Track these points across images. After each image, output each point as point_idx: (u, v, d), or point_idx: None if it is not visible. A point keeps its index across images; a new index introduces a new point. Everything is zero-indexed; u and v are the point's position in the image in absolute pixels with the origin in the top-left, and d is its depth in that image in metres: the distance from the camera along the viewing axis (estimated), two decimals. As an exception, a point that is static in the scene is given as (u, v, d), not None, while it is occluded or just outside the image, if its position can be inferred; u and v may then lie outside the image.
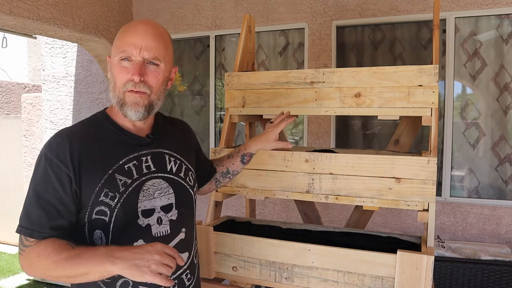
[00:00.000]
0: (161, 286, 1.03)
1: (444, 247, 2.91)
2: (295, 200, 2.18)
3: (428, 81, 1.49)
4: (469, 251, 2.83)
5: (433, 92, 1.48)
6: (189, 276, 1.21)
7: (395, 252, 1.31)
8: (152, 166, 1.15)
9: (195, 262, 1.26)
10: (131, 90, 1.09)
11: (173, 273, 1.14)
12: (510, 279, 2.65)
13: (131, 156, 1.12)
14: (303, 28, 3.58)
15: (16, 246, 5.62)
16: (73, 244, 1.02)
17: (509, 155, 3.11)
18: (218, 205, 1.78)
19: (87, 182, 1.05)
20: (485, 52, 3.12)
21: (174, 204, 1.17)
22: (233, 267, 1.54)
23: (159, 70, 1.12)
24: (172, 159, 1.21)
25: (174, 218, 1.16)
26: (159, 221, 1.13)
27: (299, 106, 1.67)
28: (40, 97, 4.96)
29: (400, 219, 3.30)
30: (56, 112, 4.74)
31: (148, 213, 1.11)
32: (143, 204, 1.11)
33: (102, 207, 1.07)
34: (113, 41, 1.15)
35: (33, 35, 4.17)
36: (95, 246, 1.04)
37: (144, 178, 1.13)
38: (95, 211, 1.06)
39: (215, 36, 3.93)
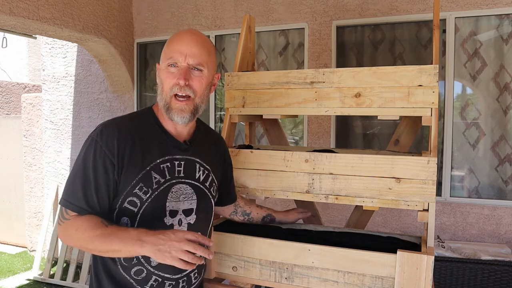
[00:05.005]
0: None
1: (444, 247, 2.91)
2: (295, 200, 2.18)
3: (428, 81, 1.49)
4: (469, 251, 2.83)
5: (433, 92, 1.48)
6: (196, 275, 1.32)
7: (395, 252, 1.31)
8: (182, 171, 1.25)
9: (204, 263, 1.36)
10: (177, 95, 1.19)
11: (184, 271, 1.26)
12: (510, 279, 2.65)
13: (166, 158, 1.22)
14: (303, 28, 3.58)
15: (16, 246, 5.62)
16: (107, 222, 1.14)
17: (509, 155, 3.11)
18: (218, 205, 1.78)
19: (126, 174, 1.16)
20: (485, 52, 3.12)
21: (194, 209, 1.27)
22: (233, 267, 1.54)
23: (202, 75, 1.21)
24: (201, 168, 1.31)
25: (192, 222, 1.27)
26: (180, 222, 1.24)
27: (299, 106, 1.67)
28: (40, 97, 4.96)
29: (400, 219, 3.30)
30: (56, 112, 4.74)
31: (173, 213, 1.22)
32: (171, 204, 1.22)
33: (134, 199, 1.17)
34: (165, 47, 1.24)
35: (33, 35, 4.18)
36: (126, 228, 1.15)
37: (174, 180, 1.23)
38: (127, 200, 1.17)
39: (215, 36, 3.93)
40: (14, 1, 2.93)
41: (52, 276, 4.24)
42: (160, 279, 1.22)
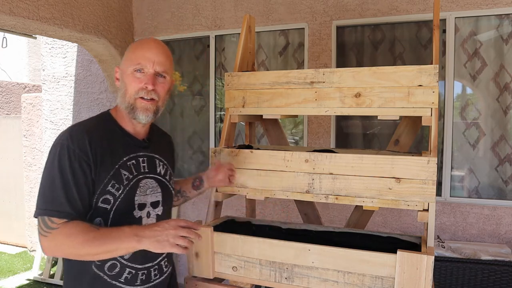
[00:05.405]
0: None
1: (444, 247, 2.91)
2: (295, 200, 2.18)
3: (428, 81, 1.49)
4: (469, 251, 2.83)
5: (433, 92, 1.48)
6: (166, 263, 1.42)
7: (395, 252, 1.31)
8: (146, 167, 1.35)
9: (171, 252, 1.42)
10: (142, 97, 1.28)
11: (155, 260, 1.35)
12: (510, 279, 2.65)
13: (131, 155, 1.32)
14: (303, 28, 3.58)
15: (17, 246, 5.58)
16: (95, 226, 1.20)
17: (509, 155, 3.11)
18: (218, 205, 1.78)
19: (99, 173, 1.23)
20: (485, 52, 3.12)
21: (160, 202, 1.38)
22: (233, 267, 1.54)
23: (166, 82, 1.33)
24: (161, 163, 1.42)
25: (159, 213, 1.38)
26: (148, 214, 1.34)
27: (299, 106, 1.67)
28: (40, 97, 4.96)
29: (400, 219, 3.30)
30: (56, 112, 4.74)
31: (141, 206, 1.32)
32: (139, 198, 1.31)
33: (108, 196, 1.24)
34: (125, 55, 1.33)
35: (33, 35, 4.17)
36: (118, 227, 1.20)
37: (141, 176, 1.32)
38: (101, 199, 1.23)
39: (215, 36, 3.93)
40: (14, 1, 2.93)
41: (52, 276, 4.24)
42: (133, 271, 1.29)
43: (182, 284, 1.67)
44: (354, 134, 3.54)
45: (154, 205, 1.36)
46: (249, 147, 1.82)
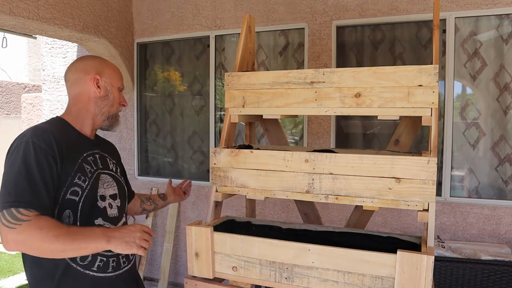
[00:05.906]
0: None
1: (444, 247, 2.91)
2: (295, 200, 2.18)
3: (428, 81, 1.49)
4: (469, 251, 2.83)
5: (433, 92, 1.48)
6: (124, 259, 1.48)
7: (395, 252, 1.31)
8: (100, 163, 1.47)
9: None
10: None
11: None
12: (510, 279, 2.65)
13: (89, 152, 1.44)
14: (303, 28, 3.58)
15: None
16: (65, 224, 1.27)
17: (509, 155, 3.11)
18: (218, 205, 1.78)
19: (66, 166, 1.31)
20: (485, 52, 3.12)
21: (117, 195, 1.50)
22: (233, 267, 1.54)
23: None
24: (111, 161, 1.55)
25: (118, 205, 1.49)
26: (111, 205, 1.45)
27: (299, 106, 1.67)
28: (40, 97, 4.97)
29: (400, 219, 3.30)
30: (56, 112, 4.74)
31: (103, 198, 1.43)
32: (100, 190, 1.42)
33: (76, 188, 1.33)
34: (108, 71, 1.51)
35: (33, 35, 4.17)
36: (89, 227, 1.32)
37: (99, 170, 1.44)
38: (69, 191, 1.31)
39: (215, 36, 3.93)
40: (14, 1, 2.93)
41: (52, 276, 4.24)
42: (104, 259, 1.38)
43: (181, 284, 1.68)
44: (354, 134, 3.54)
45: (113, 197, 1.47)
46: (249, 147, 1.82)
